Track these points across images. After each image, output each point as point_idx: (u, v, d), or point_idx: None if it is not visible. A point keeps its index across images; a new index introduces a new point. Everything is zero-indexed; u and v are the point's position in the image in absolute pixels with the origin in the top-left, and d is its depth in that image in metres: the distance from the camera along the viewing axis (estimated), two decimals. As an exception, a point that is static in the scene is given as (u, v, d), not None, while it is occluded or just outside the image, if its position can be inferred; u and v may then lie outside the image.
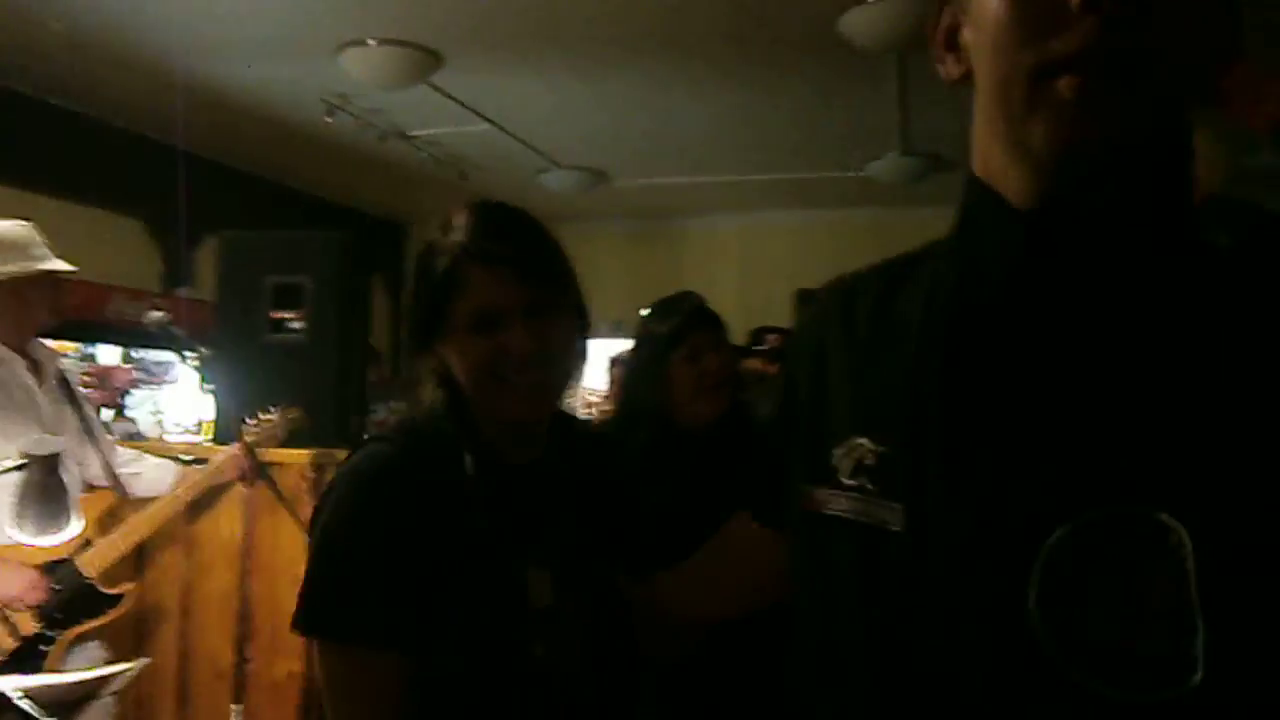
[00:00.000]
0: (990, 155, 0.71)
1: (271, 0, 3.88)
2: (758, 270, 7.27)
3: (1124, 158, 0.63)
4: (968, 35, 0.71)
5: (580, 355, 1.22)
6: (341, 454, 3.06)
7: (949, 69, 0.75)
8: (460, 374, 1.15)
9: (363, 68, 4.40)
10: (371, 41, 4.24)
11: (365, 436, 1.32)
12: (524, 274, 1.14)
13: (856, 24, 3.83)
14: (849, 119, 5.25)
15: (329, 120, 5.18)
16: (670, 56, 4.43)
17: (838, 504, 0.72)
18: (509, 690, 1.11)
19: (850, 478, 0.72)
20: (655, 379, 1.87)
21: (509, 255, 1.14)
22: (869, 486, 0.70)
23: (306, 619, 1.11)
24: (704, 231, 7.69)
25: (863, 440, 0.72)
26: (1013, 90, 0.64)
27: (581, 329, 1.22)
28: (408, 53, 4.30)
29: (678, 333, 1.87)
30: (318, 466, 2.93)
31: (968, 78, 0.72)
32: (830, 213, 7.28)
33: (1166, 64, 0.61)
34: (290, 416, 2.81)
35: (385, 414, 4.08)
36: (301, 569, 1.17)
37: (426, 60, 4.38)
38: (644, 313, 1.98)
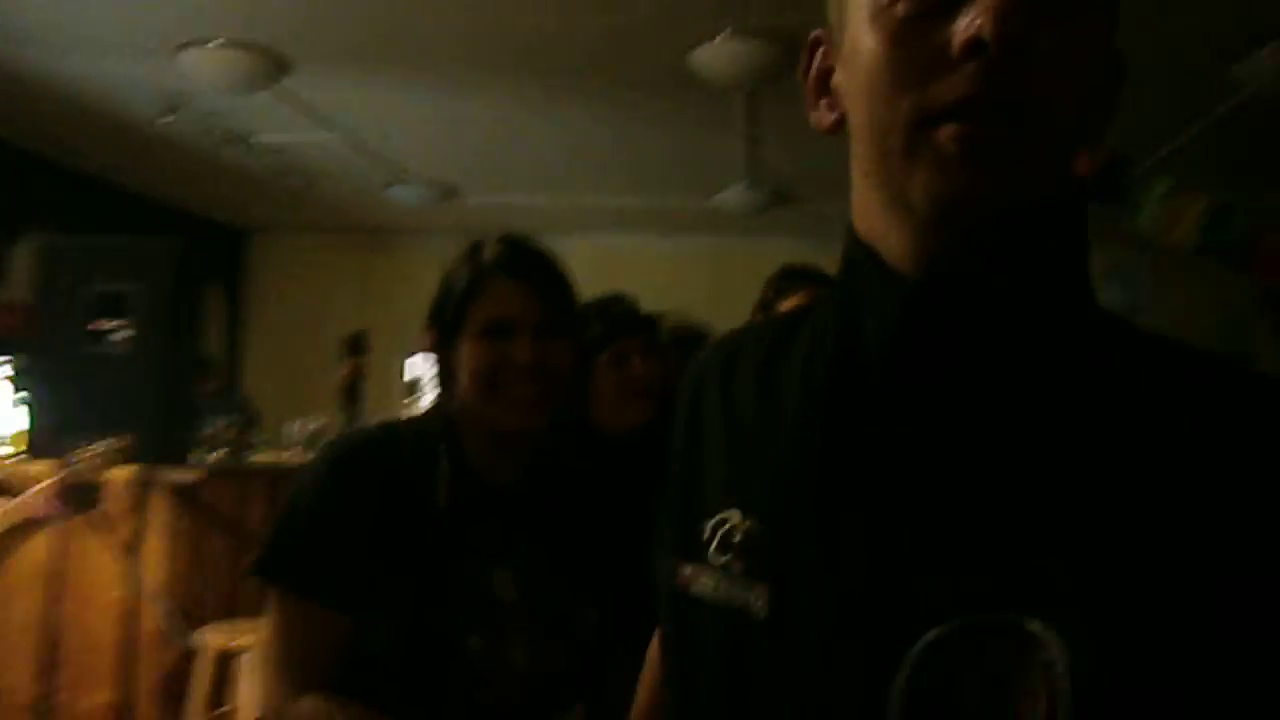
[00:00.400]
0: (869, 211, 0.65)
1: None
2: (608, 291, 7.33)
3: (1012, 214, 0.58)
4: (841, 80, 0.65)
5: (574, 384, 1.35)
6: (167, 472, 2.97)
7: (821, 116, 0.68)
8: (464, 377, 1.27)
9: (204, 69, 4.24)
10: (215, 42, 4.09)
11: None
12: (539, 293, 1.29)
13: (704, 61, 3.94)
14: (697, 151, 5.38)
15: (166, 120, 4.97)
16: (525, 79, 4.45)
17: (703, 583, 0.67)
18: (437, 674, 1.19)
19: (718, 553, 0.66)
20: (579, 382, 1.79)
21: (529, 273, 1.30)
22: (734, 565, 0.65)
23: (263, 566, 1.24)
24: (555, 251, 7.71)
25: (733, 512, 0.67)
26: (891, 140, 0.58)
27: (577, 363, 1.34)
28: (253, 56, 4.17)
29: (604, 336, 1.82)
30: (141, 484, 2.81)
31: (841, 124, 0.66)
32: (678, 239, 7.44)
33: (1054, 111, 0.56)
34: (118, 447, 2.68)
35: (218, 428, 3.92)
36: (116, 594, 1.17)
37: (273, 65, 4.27)
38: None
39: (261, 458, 4.24)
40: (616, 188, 6.32)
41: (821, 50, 0.69)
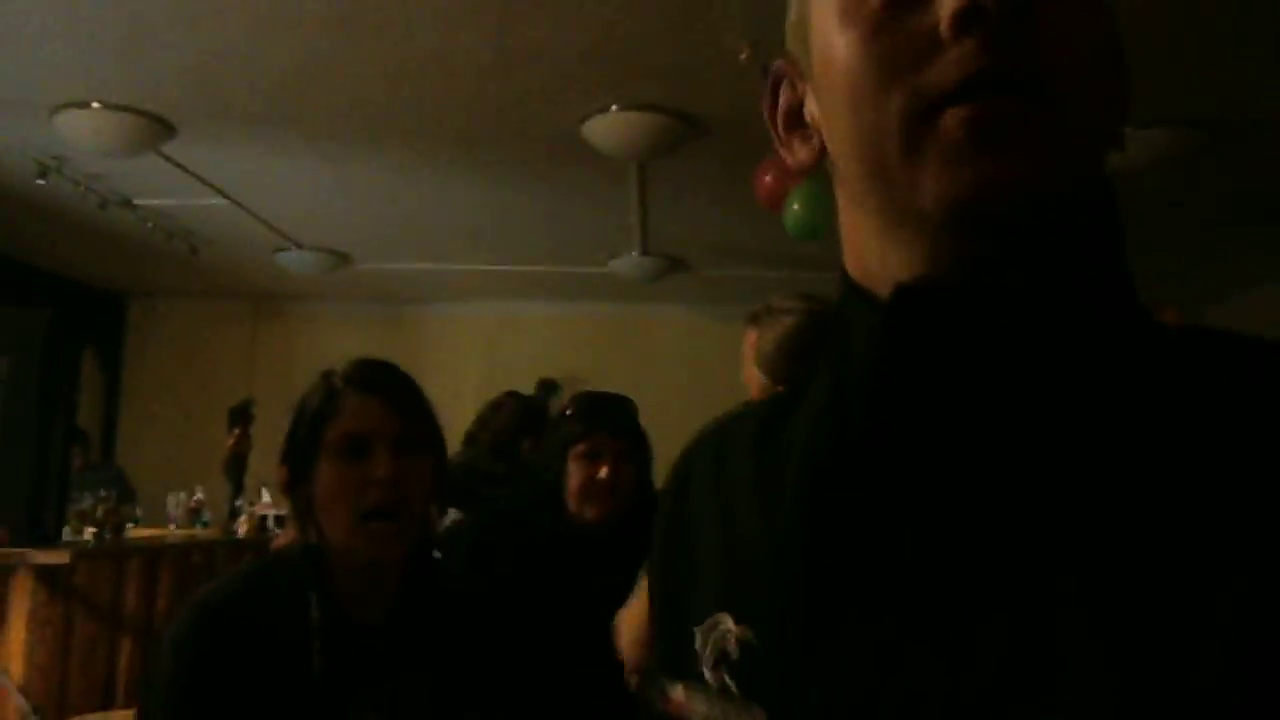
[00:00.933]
0: (866, 247, 0.55)
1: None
2: (502, 358, 7.33)
3: (1041, 209, 0.48)
4: (814, 105, 0.57)
5: (436, 503, 1.34)
6: (33, 553, 2.81)
7: (796, 153, 0.59)
8: (323, 502, 1.24)
9: (83, 132, 4.12)
10: (95, 104, 3.99)
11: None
12: (394, 405, 1.28)
13: (597, 131, 4.01)
14: (592, 218, 5.44)
15: (41, 183, 4.80)
16: (417, 147, 4.45)
17: (696, 706, 0.56)
18: None
19: (711, 669, 0.56)
20: (556, 466, 1.91)
21: (382, 387, 1.29)
22: (729, 683, 0.55)
23: None
24: (449, 318, 7.68)
25: (724, 618, 0.56)
26: (886, 144, 0.49)
27: (440, 487, 1.33)
28: (134, 120, 4.07)
29: (582, 430, 1.90)
30: (2, 569, 2.65)
31: (821, 158, 0.57)
32: (573, 305, 7.48)
33: (1074, 86, 0.47)
34: None
35: (92, 503, 3.75)
36: None
37: (157, 129, 4.17)
38: (573, 396, 2.04)
39: (141, 532, 4.06)
40: (511, 254, 6.34)
41: (785, 83, 0.59)
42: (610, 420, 1.95)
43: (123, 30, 3.38)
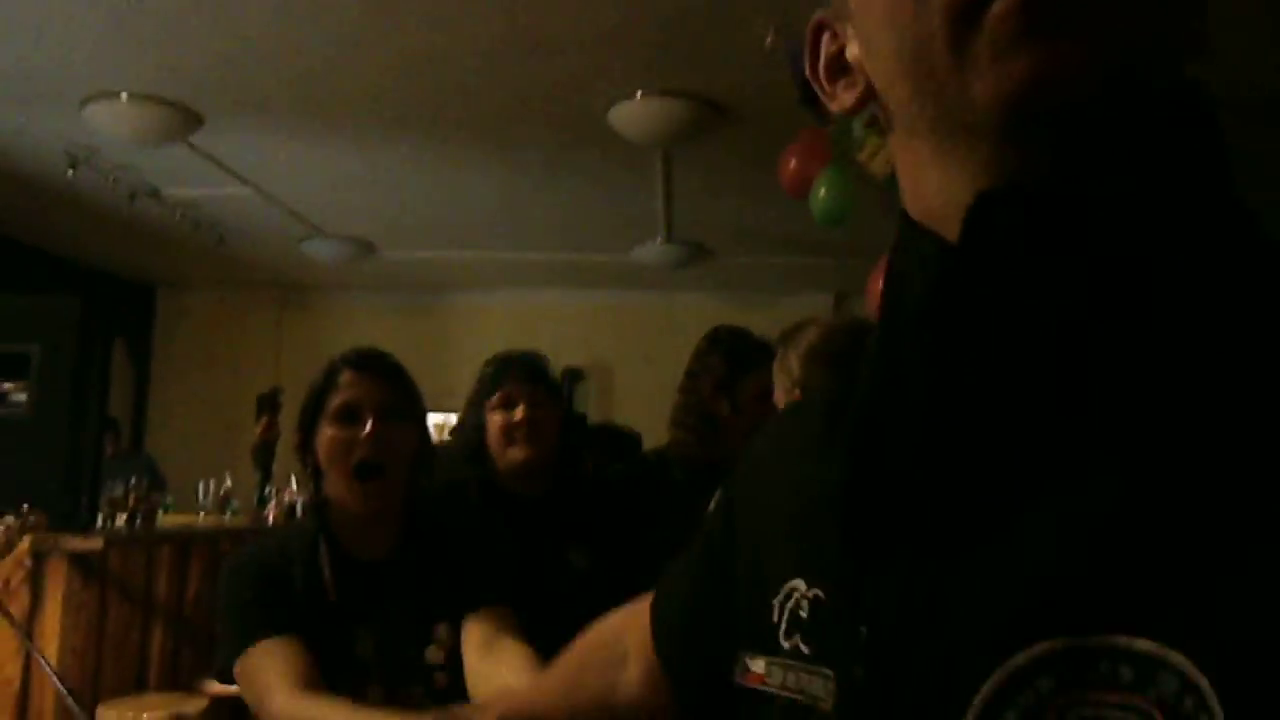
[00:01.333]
0: (924, 181, 0.51)
1: (7, 41, 3.62)
2: (526, 346, 7.32)
3: (1107, 105, 0.43)
4: (855, 47, 0.54)
5: (421, 467, 1.58)
6: (67, 539, 2.85)
7: (841, 98, 0.56)
8: (324, 462, 1.51)
9: (112, 122, 4.16)
10: (124, 95, 4.02)
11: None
12: (381, 380, 1.55)
13: (624, 118, 4.00)
14: (616, 206, 5.44)
15: (71, 174, 4.85)
16: (442, 135, 4.46)
17: (773, 677, 0.55)
18: None
19: (786, 638, 0.55)
20: (476, 422, 2.01)
21: (371, 367, 1.56)
22: (803, 647, 0.53)
23: (220, 663, 1.48)
24: (473, 306, 7.70)
25: (798, 582, 0.55)
26: (932, 51, 0.46)
27: (425, 449, 1.59)
28: (162, 110, 4.10)
29: (494, 380, 2.02)
30: (35, 555, 2.69)
31: (867, 100, 0.54)
32: (597, 293, 7.48)
33: None
34: (28, 522, 2.57)
35: (123, 490, 3.79)
36: (9, 672, 1.14)
37: (184, 119, 4.20)
38: (488, 359, 2.15)
39: (171, 519, 4.10)
40: (535, 242, 6.34)
41: (826, 35, 0.57)
42: (519, 369, 2.04)
43: (150, 21, 3.41)
